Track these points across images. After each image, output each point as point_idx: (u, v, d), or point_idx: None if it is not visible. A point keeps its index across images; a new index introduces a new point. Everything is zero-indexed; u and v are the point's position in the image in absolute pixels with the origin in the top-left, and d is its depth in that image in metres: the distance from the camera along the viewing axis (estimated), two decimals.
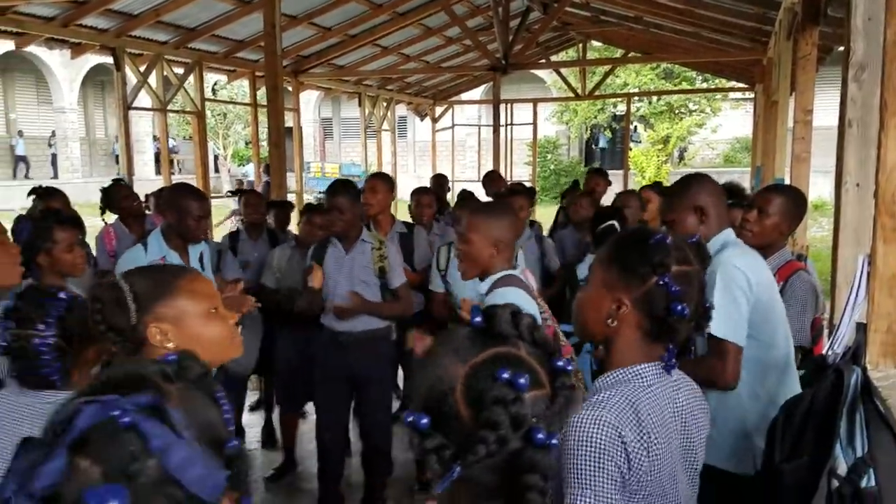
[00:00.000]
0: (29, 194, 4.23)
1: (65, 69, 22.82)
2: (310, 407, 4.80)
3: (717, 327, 2.13)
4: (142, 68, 8.11)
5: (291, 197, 7.97)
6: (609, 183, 6.50)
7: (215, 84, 21.86)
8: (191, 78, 8.68)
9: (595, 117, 24.86)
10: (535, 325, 0.96)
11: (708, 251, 1.62)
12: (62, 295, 1.77)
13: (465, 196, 5.47)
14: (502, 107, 12.01)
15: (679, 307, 1.45)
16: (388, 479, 4.09)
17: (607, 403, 1.41)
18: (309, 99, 26.73)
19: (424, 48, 11.59)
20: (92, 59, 23.78)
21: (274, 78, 5.99)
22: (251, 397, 5.48)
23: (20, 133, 24.07)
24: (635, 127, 25.38)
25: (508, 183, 7.72)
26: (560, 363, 0.94)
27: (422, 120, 15.69)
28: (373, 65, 11.36)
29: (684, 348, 1.68)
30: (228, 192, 4.97)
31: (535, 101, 14.00)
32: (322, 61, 10.45)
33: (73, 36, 7.41)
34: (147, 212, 5.19)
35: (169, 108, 8.63)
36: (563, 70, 14.35)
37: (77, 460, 0.66)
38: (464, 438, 0.87)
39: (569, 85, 13.39)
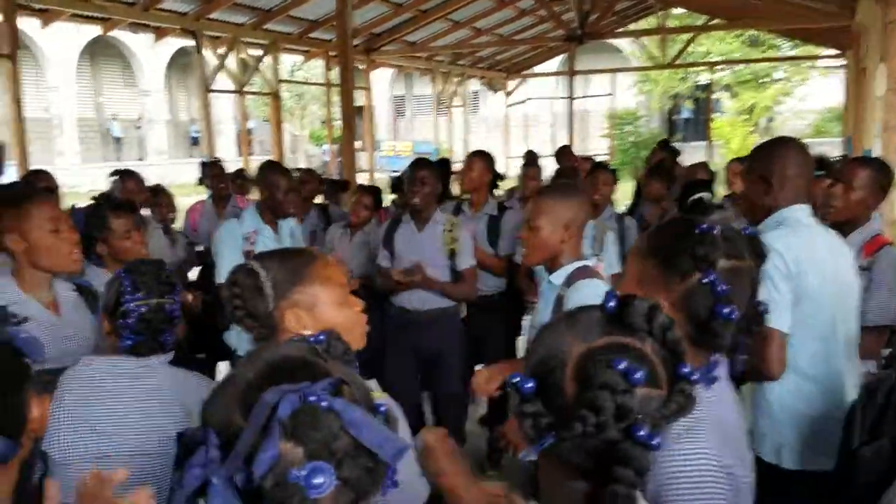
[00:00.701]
0: (110, 175, 4.37)
1: (149, 53, 23.59)
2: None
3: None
4: (220, 51, 8.27)
5: (363, 177, 8.02)
6: (674, 157, 6.19)
7: (293, 65, 22.20)
8: (267, 59, 8.80)
9: (677, 87, 24.05)
10: (670, 325, 0.92)
11: (763, 246, 1.39)
12: (168, 267, 1.87)
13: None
14: (578, 78, 11.72)
15: (725, 310, 1.25)
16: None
17: (698, 428, 1.21)
18: (382, 77, 26.86)
19: (497, 21, 11.41)
20: (175, 43, 24.52)
21: (345, 58, 6.00)
22: None
23: (114, 116, 25.06)
24: (718, 97, 24.44)
25: (579, 158, 7.48)
26: (685, 370, 0.90)
27: (494, 94, 15.50)
28: (445, 40, 11.27)
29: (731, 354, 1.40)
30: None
31: (613, 72, 13.63)
32: (394, 38, 10.43)
33: (155, 20, 7.62)
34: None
35: (246, 89, 8.79)
36: (643, 39, 13.89)
37: (283, 445, 0.74)
38: (563, 413, 0.87)
39: (649, 55, 12.96)
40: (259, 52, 8.83)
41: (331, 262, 1.56)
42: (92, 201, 2.86)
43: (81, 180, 17.91)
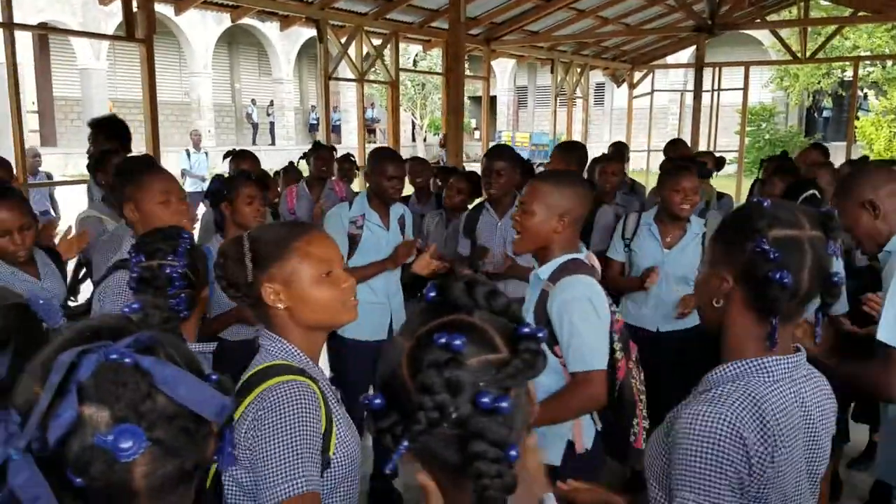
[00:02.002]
0: (225, 157, 4.54)
1: (282, 42, 24.55)
2: None
3: (883, 332, 1.96)
4: (342, 40, 8.40)
5: (474, 166, 7.92)
6: (828, 164, 5.67)
7: (417, 55, 22.45)
8: (388, 49, 8.88)
9: (818, 83, 22.49)
10: (493, 292, 0.90)
11: (837, 222, 1.36)
12: (185, 234, 1.90)
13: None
14: (708, 71, 11.12)
15: (778, 275, 1.26)
16: None
17: (727, 399, 1.27)
18: (505, 67, 26.70)
19: (624, 10, 10.99)
20: (306, 33, 25.45)
21: (455, 46, 5.91)
22: None
23: (253, 101, 26.28)
24: (864, 94, 22.64)
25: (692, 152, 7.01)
26: (525, 329, 0.86)
27: (618, 86, 15.00)
28: (567, 29, 10.97)
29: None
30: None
31: (746, 65, 12.83)
32: (515, 28, 10.25)
33: (281, 9, 7.85)
34: (332, 177, 5.36)
35: (366, 78, 8.89)
36: (782, 31, 12.99)
37: (83, 409, 0.68)
38: (409, 411, 0.83)
39: (787, 47, 12.12)
40: (379, 42, 8.92)
41: (318, 239, 1.54)
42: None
43: (216, 163, 18.91)
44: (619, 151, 6.76)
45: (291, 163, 6.02)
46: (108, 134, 4.32)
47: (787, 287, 1.27)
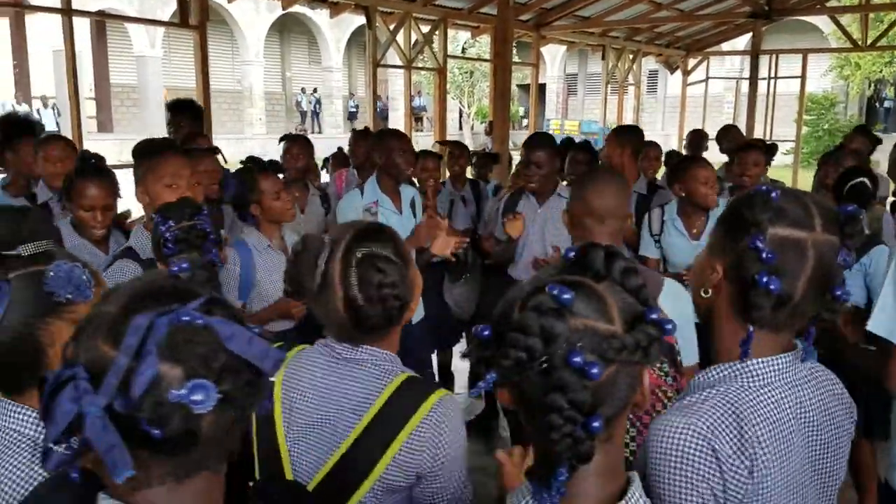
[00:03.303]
0: (280, 140, 4.56)
1: (332, 30, 24.70)
2: None
3: (875, 323, 1.81)
4: (391, 26, 8.39)
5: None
6: (873, 145, 5.43)
7: (465, 42, 22.33)
8: (436, 35, 8.83)
9: (880, 72, 21.67)
10: (630, 270, 0.90)
11: (860, 226, 1.20)
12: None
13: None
14: (765, 58, 10.80)
15: (765, 279, 1.14)
16: None
17: (701, 407, 1.16)
18: (555, 55, 26.39)
19: None
20: (356, 20, 25.54)
21: (503, 31, 5.84)
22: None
23: (303, 90, 26.55)
24: None
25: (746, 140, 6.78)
26: (653, 315, 0.86)
27: (672, 73, 14.67)
28: (620, 14, 10.75)
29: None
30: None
31: (804, 52, 12.42)
32: (566, 13, 10.08)
33: None
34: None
35: (414, 65, 8.87)
36: (842, 18, 12.52)
37: (161, 367, 0.73)
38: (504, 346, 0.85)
39: (847, 34, 11.68)
40: (427, 29, 8.88)
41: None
42: (241, 165, 2.98)
43: (267, 149, 19.17)
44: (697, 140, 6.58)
45: (340, 148, 6.04)
46: (193, 116, 4.42)
47: (773, 294, 1.15)
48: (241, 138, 21.85)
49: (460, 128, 27.32)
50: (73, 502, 0.95)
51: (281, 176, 3.08)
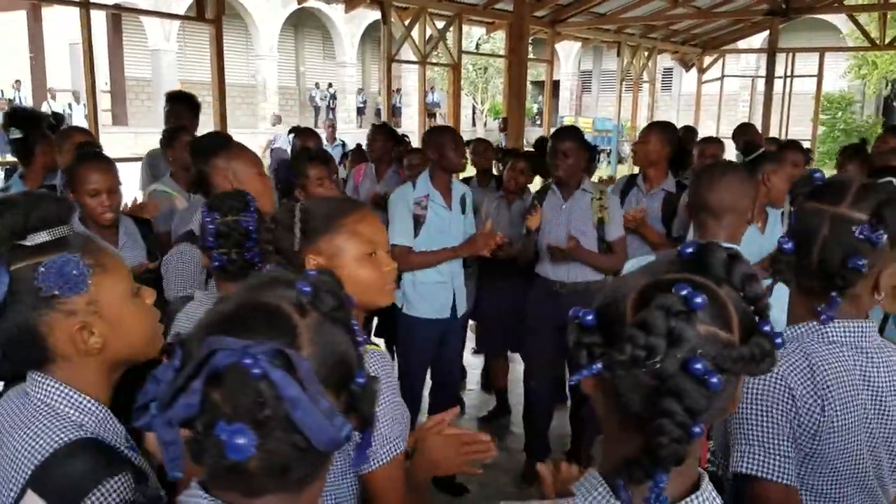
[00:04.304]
0: (289, 132, 4.59)
1: (347, 25, 24.72)
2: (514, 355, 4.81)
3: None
4: (406, 22, 8.38)
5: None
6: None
7: (479, 38, 22.29)
8: (451, 31, 8.82)
9: None
10: (752, 277, 0.86)
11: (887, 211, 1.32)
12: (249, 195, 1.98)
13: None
14: (782, 57, 10.71)
15: (785, 243, 1.35)
16: (597, 438, 3.89)
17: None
18: (569, 51, 26.30)
19: None
20: (371, 15, 25.54)
21: (518, 27, 5.82)
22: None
23: (317, 85, 26.60)
24: None
25: (765, 139, 6.67)
26: (767, 328, 0.84)
27: (687, 71, 14.59)
28: (636, 11, 10.70)
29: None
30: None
31: (821, 51, 12.32)
32: (582, 9, 10.03)
33: None
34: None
35: (428, 60, 8.86)
36: (860, 16, 12.39)
37: (212, 394, 0.73)
38: (615, 339, 0.83)
39: (865, 33, 11.57)
40: (442, 24, 8.86)
41: (368, 219, 1.56)
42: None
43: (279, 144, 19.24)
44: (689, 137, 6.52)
45: (359, 145, 6.04)
46: (189, 107, 4.40)
47: (786, 253, 1.33)
48: (255, 132, 21.90)
49: (473, 124, 27.29)
50: (86, 468, 1.02)
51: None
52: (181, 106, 4.35)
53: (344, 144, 8.87)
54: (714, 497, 0.90)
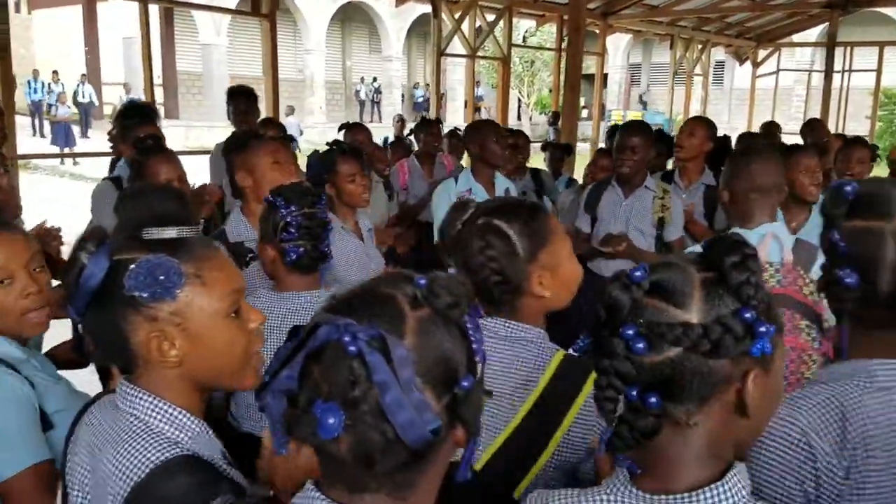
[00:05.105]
0: (339, 129, 4.60)
1: (394, 19, 24.78)
2: None
3: None
4: (456, 15, 8.36)
5: (585, 146, 7.74)
6: None
7: (526, 31, 22.16)
8: (500, 24, 8.77)
9: None
10: (740, 265, 0.86)
11: None
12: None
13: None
14: (839, 51, 10.40)
15: (840, 272, 1.16)
16: None
17: (806, 402, 1.16)
18: (618, 44, 25.95)
19: None
20: (418, 9, 25.59)
21: (577, 18, 5.75)
22: None
23: (362, 79, 26.76)
24: None
25: (832, 134, 6.48)
26: (746, 314, 0.84)
27: (741, 64, 14.27)
28: (689, 4, 10.50)
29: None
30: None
31: (880, 45, 11.92)
32: (634, 1, 9.89)
33: None
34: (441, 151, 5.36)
35: (477, 54, 8.83)
36: None
37: (312, 368, 0.73)
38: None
39: None
40: (493, 18, 8.82)
41: (554, 217, 1.48)
42: (326, 146, 3.04)
43: (326, 138, 19.33)
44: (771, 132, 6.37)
45: (398, 138, 6.04)
46: (248, 101, 4.49)
47: (851, 288, 1.15)
48: (301, 126, 22.15)
49: (518, 118, 27.14)
50: (184, 487, 0.97)
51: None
52: (241, 100, 4.43)
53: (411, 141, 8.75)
54: (740, 491, 0.87)
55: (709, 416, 0.86)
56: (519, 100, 27.30)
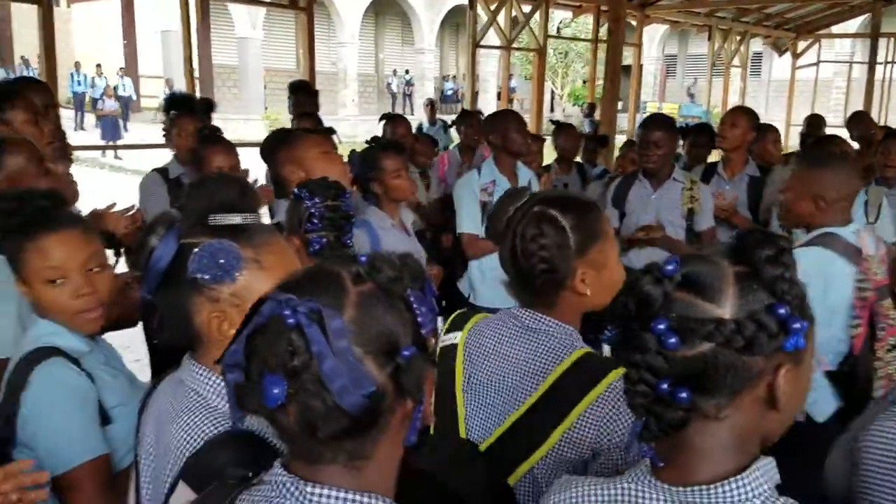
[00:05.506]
0: (380, 120, 4.63)
1: (427, 12, 24.76)
2: None
3: None
4: (492, 7, 8.34)
5: (621, 139, 7.67)
6: None
7: (560, 22, 22.02)
8: (536, 15, 8.72)
9: None
10: (774, 258, 0.86)
11: None
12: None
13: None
14: (882, 42, 10.17)
15: None
16: None
17: None
18: (653, 35, 25.64)
19: None
20: (450, 1, 25.51)
21: (616, 8, 5.71)
22: None
23: (394, 72, 26.82)
24: None
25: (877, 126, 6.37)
26: (780, 310, 0.84)
27: (780, 56, 14.02)
28: None
29: None
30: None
31: None
32: None
33: None
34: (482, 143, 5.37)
35: (513, 46, 8.80)
36: None
37: (259, 344, 0.77)
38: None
39: None
40: (529, 9, 8.78)
41: (608, 217, 1.46)
42: (366, 144, 3.04)
43: (358, 131, 19.49)
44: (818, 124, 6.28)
45: (420, 128, 6.05)
46: (309, 95, 4.65)
47: None
48: (335, 119, 22.27)
49: (552, 109, 26.99)
50: (235, 459, 1.02)
51: None
52: (303, 95, 4.58)
53: (445, 126, 8.62)
54: (761, 486, 0.87)
55: (739, 409, 0.87)
56: (552, 91, 27.14)
